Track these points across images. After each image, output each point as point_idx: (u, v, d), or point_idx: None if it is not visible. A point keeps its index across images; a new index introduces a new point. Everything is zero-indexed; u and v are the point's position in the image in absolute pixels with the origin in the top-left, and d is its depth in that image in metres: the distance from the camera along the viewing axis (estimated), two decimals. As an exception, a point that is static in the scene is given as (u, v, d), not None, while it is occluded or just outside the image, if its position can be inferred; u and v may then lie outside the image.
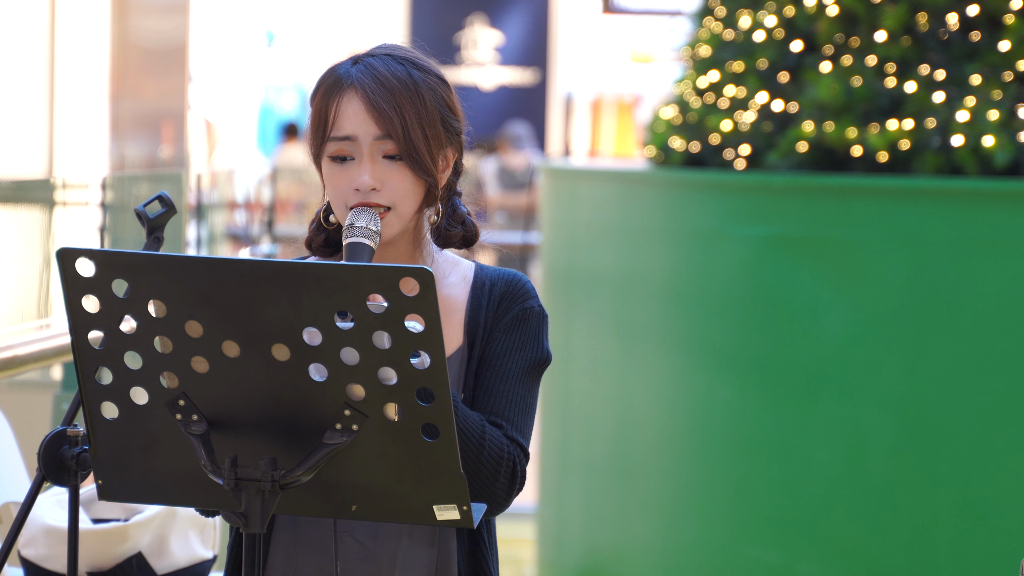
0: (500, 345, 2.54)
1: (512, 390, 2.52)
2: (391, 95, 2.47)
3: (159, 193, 2.50)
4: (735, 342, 5.45)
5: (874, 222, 5.24)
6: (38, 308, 4.85)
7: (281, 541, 2.53)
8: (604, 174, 6.53)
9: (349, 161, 2.48)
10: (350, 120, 2.47)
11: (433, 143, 2.49)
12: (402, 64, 2.50)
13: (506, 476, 2.45)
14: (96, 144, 10.19)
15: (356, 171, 2.47)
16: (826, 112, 5.46)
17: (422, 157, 2.47)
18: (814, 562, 5.29)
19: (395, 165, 2.48)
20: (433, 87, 2.50)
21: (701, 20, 6.14)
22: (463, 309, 2.57)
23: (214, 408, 2.20)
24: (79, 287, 2.17)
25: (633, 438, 5.81)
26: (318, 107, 2.51)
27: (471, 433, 2.42)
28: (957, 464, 5.17)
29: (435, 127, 2.49)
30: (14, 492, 3.66)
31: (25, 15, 9.66)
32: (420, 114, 2.48)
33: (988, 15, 5.39)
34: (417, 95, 2.48)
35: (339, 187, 2.49)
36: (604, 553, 5.96)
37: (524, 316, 2.55)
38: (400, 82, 2.48)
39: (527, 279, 2.61)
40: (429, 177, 2.49)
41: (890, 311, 5.20)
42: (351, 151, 2.48)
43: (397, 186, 2.48)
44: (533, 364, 2.54)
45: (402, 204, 2.49)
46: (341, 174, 2.49)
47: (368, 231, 2.44)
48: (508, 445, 2.46)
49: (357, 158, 2.48)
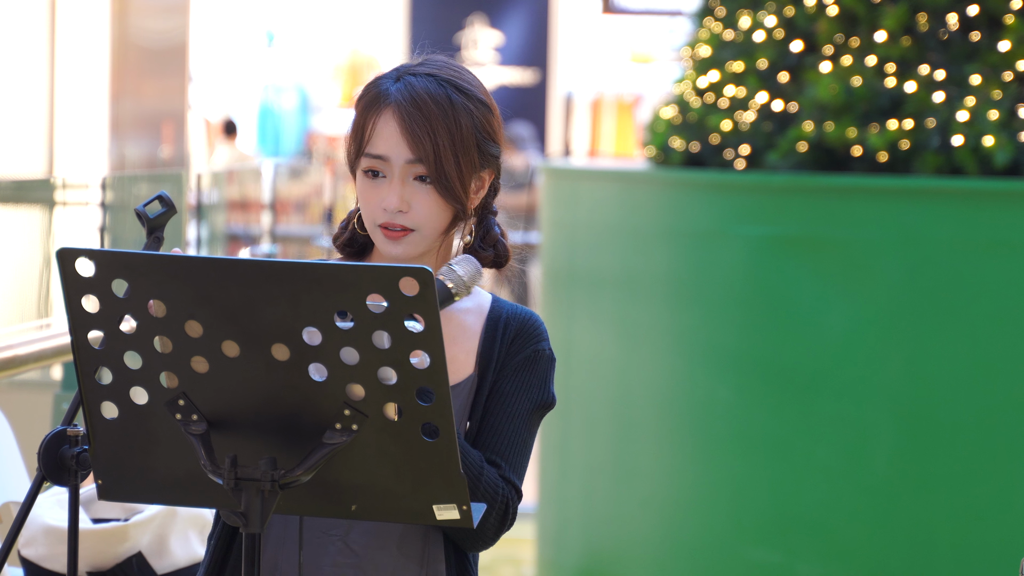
0: (509, 384, 2.56)
1: (515, 431, 2.54)
2: (426, 119, 2.48)
3: (159, 193, 2.50)
4: (735, 342, 5.45)
5: (874, 222, 5.24)
6: (38, 308, 4.85)
7: (270, 538, 2.53)
8: (604, 174, 6.53)
9: (381, 178, 2.50)
10: (385, 140, 2.49)
11: (466, 168, 2.50)
12: (443, 86, 2.50)
13: (497, 515, 2.48)
14: (96, 144, 10.19)
15: (386, 190, 2.49)
16: (826, 112, 5.46)
17: (452, 183, 2.49)
18: (814, 562, 5.29)
19: (425, 188, 2.49)
20: (472, 111, 2.51)
21: (701, 20, 6.14)
22: (476, 338, 2.58)
23: (214, 408, 2.20)
24: (79, 287, 2.17)
25: (633, 438, 5.81)
26: (357, 120, 2.53)
27: (468, 470, 2.44)
28: (957, 464, 5.17)
29: (469, 152, 2.51)
30: (14, 492, 3.66)
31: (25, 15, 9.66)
32: (454, 139, 2.49)
33: (988, 15, 5.39)
34: (454, 120, 2.49)
35: (369, 203, 2.51)
36: (604, 553, 5.96)
37: (535, 358, 2.57)
38: (438, 105, 2.49)
39: (541, 320, 2.63)
40: (458, 204, 2.50)
41: (890, 311, 5.20)
42: (383, 169, 2.50)
43: (424, 209, 2.50)
44: (537, 407, 2.56)
45: (426, 226, 2.51)
46: (372, 190, 2.51)
47: (459, 280, 2.45)
48: (503, 486, 2.48)
49: (388, 177, 2.50)
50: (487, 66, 16.82)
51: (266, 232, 9.80)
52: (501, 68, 16.93)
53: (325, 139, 16.85)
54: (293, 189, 12.26)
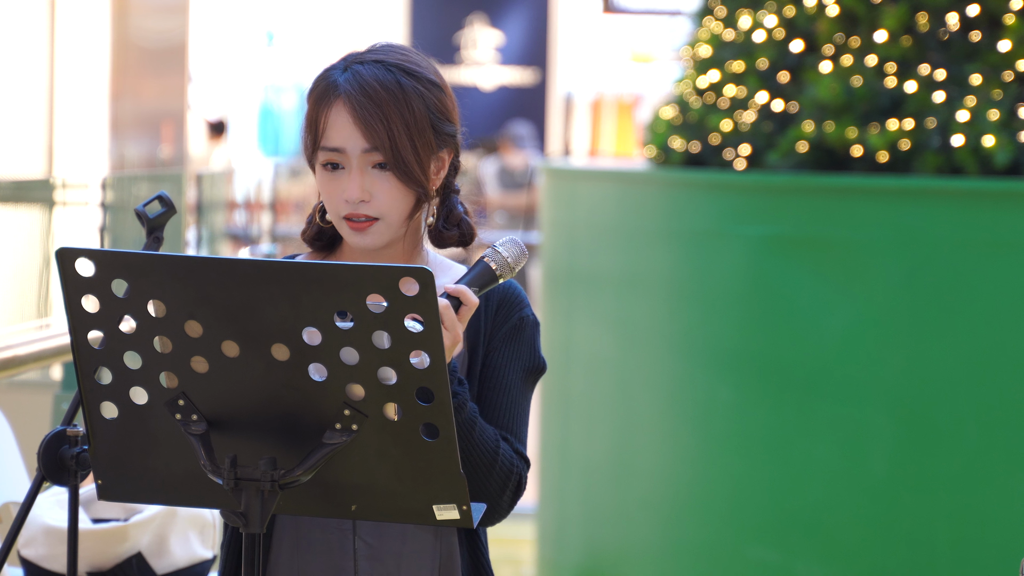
0: (500, 356, 2.56)
1: (513, 402, 2.54)
2: (377, 107, 2.47)
3: (159, 193, 2.50)
4: (735, 342, 5.45)
5: (874, 222, 5.24)
6: (38, 308, 4.85)
7: (284, 543, 2.53)
8: (604, 174, 6.53)
9: (340, 170, 2.50)
10: (339, 132, 2.48)
11: (423, 151, 2.49)
12: (391, 71, 2.49)
13: (512, 489, 2.48)
14: (96, 144, 10.19)
15: (346, 182, 2.48)
16: (826, 112, 5.46)
17: (410, 167, 2.48)
18: (814, 562, 5.29)
19: (384, 175, 2.48)
20: (423, 93, 2.49)
21: (701, 20, 6.14)
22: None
23: (214, 408, 2.20)
24: (79, 287, 2.17)
25: (633, 438, 5.81)
26: (310, 115, 2.52)
27: (486, 449, 2.44)
28: (957, 464, 5.17)
29: (425, 135, 2.49)
30: (14, 492, 3.66)
31: (25, 15, 9.66)
32: (408, 123, 2.48)
33: (988, 15, 5.39)
34: (406, 104, 2.48)
35: (331, 196, 2.51)
36: (604, 553, 5.96)
37: (521, 325, 2.57)
38: (387, 91, 2.48)
39: (520, 287, 2.63)
40: (418, 187, 2.49)
41: (890, 311, 5.20)
42: (341, 161, 2.49)
43: (386, 197, 2.49)
44: (529, 373, 2.57)
45: (391, 213, 2.50)
46: (332, 183, 2.50)
47: (504, 262, 2.43)
48: (516, 460, 2.49)
49: (347, 168, 2.49)
50: (487, 66, 16.82)
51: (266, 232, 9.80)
52: (501, 68, 16.92)
53: (325, 139, 16.80)
54: (293, 189, 12.26)
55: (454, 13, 16.79)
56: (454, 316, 2.34)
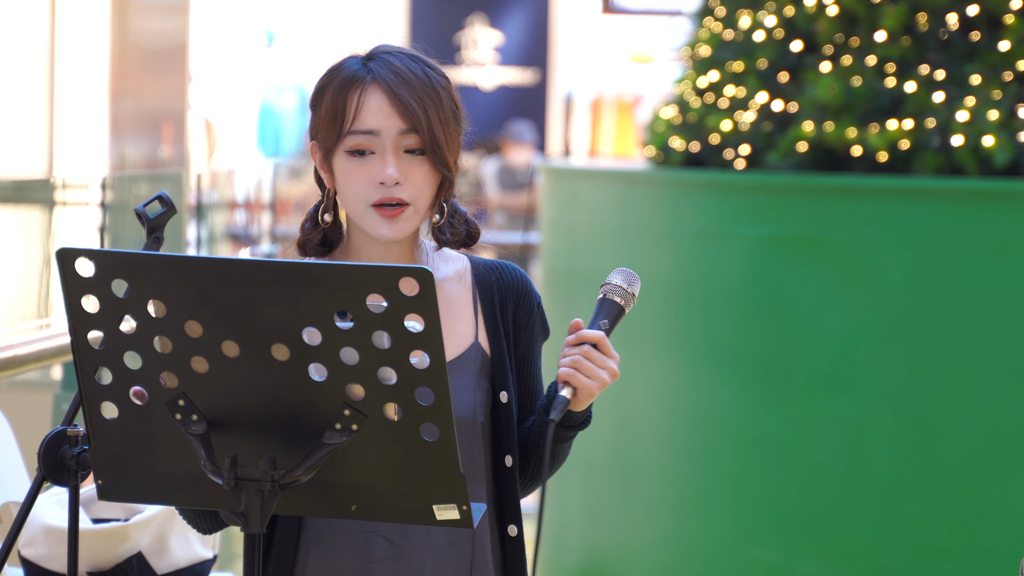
0: (529, 347, 2.63)
1: (541, 378, 2.66)
2: (413, 89, 2.48)
3: (159, 193, 2.50)
4: (735, 342, 5.45)
5: (874, 222, 5.24)
6: (38, 308, 4.85)
7: (311, 548, 2.52)
8: (604, 174, 6.53)
9: (369, 156, 2.49)
10: (374, 114, 2.48)
11: (450, 137, 2.50)
12: (416, 62, 2.51)
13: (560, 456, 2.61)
14: (96, 144, 10.19)
15: (379, 165, 2.48)
16: (826, 112, 5.46)
17: (443, 151, 2.49)
18: (814, 562, 5.29)
19: (415, 159, 2.49)
20: (444, 86, 2.52)
21: (701, 20, 6.14)
22: (470, 306, 2.60)
23: (214, 408, 2.20)
24: (79, 287, 2.17)
25: (633, 438, 5.81)
26: (333, 102, 2.50)
27: (568, 452, 2.59)
28: (957, 464, 5.17)
29: (450, 124, 2.51)
30: (14, 492, 3.66)
31: (25, 15, 9.66)
32: (439, 109, 2.49)
33: (988, 15, 5.39)
34: (434, 91, 2.50)
35: (358, 182, 2.50)
36: (604, 553, 5.96)
37: (541, 313, 2.66)
38: (418, 78, 2.49)
39: (521, 270, 2.68)
40: (448, 171, 2.51)
41: (890, 311, 5.20)
42: (372, 145, 2.48)
43: (418, 181, 2.49)
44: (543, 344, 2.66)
45: (419, 199, 2.51)
46: (360, 168, 2.49)
47: (625, 293, 2.52)
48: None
49: (377, 152, 2.48)
50: (487, 66, 16.82)
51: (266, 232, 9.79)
52: (501, 68, 16.92)
53: (325, 139, 16.80)
54: (293, 189, 12.25)
55: (454, 13, 16.79)
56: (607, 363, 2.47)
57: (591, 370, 2.48)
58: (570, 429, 2.55)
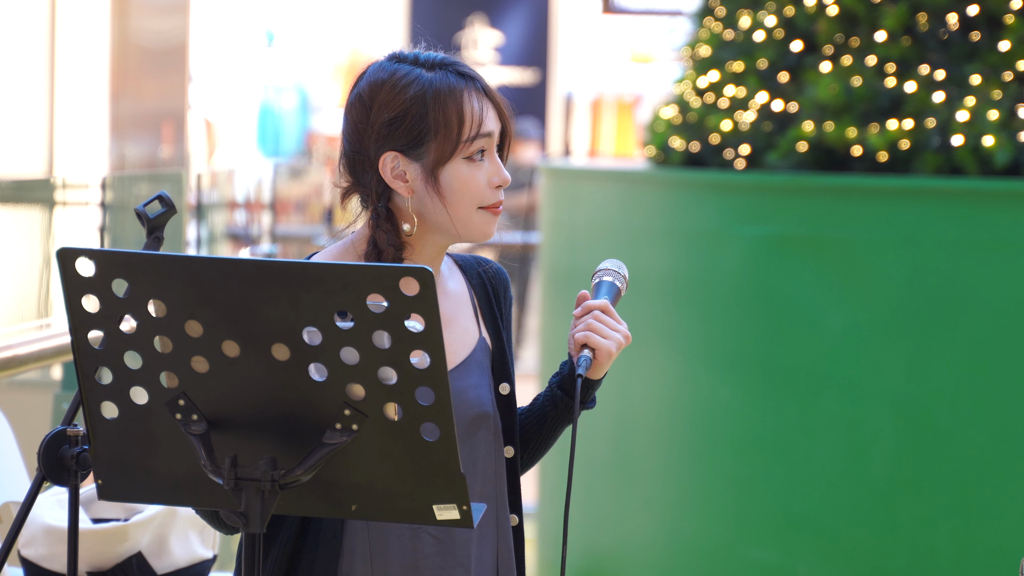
0: (509, 336, 2.66)
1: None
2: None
3: (159, 193, 2.50)
4: (735, 342, 5.46)
5: (874, 222, 5.24)
6: (38, 308, 4.85)
7: (356, 551, 2.52)
8: (604, 174, 6.53)
9: (478, 160, 2.51)
10: (490, 117, 2.53)
11: None
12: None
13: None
14: (96, 144, 10.19)
15: (493, 167, 2.53)
16: (826, 112, 5.46)
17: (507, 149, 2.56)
18: (814, 562, 5.29)
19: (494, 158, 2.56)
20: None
21: (701, 20, 6.14)
22: (469, 302, 2.63)
23: (214, 408, 2.20)
24: (79, 287, 2.17)
25: (633, 438, 5.81)
26: (446, 111, 2.50)
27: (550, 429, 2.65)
28: (957, 464, 5.17)
29: None
30: (14, 492, 3.66)
31: (25, 15, 9.66)
32: None
33: (988, 15, 5.39)
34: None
35: (477, 186, 2.52)
36: (604, 553, 5.96)
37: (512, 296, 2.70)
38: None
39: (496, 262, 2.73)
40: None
41: (890, 311, 5.20)
42: (486, 147, 2.53)
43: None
44: None
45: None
46: (477, 171, 2.52)
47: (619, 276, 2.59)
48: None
49: (487, 151, 2.53)
50: (487, 66, 16.81)
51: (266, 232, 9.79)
52: (501, 68, 16.92)
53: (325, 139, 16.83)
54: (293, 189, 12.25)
55: (454, 13, 16.79)
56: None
57: (605, 331, 2.54)
58: (584, 406, 2.59)
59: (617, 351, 2.53)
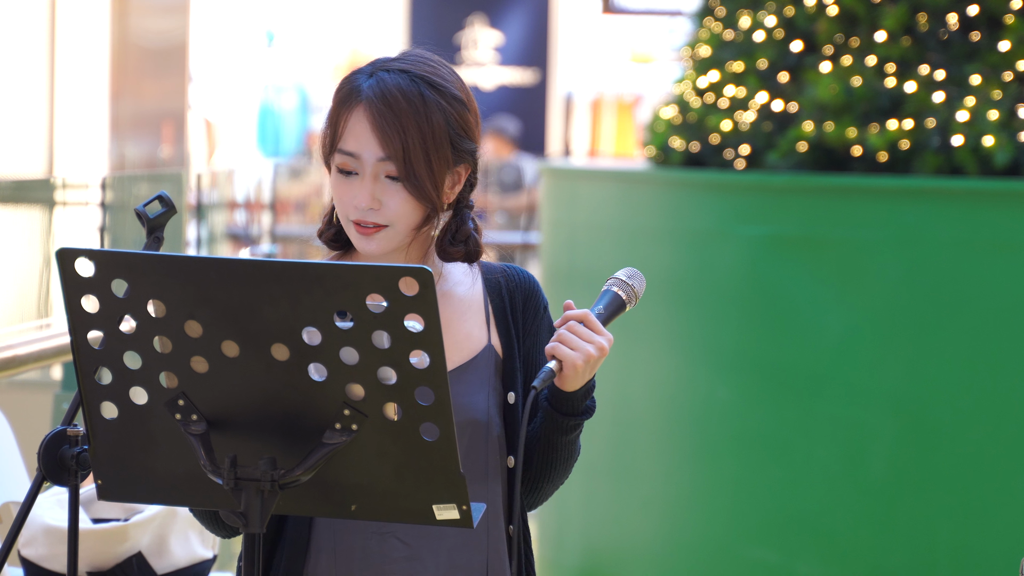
0: (533, 347, 2.62)
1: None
2: (396, 117, 2.46)
3: (159, 193, 2.50)
4: (735, 342, 5.46)
5: (874, 222, 5.24)
6: (38, 308, 4.85)
7: (322, 551, 2.52)
8: (604, 174, 6.53)
9: (353, 176, 2.50)
10: (356, 138, 2.48)
11: (438, 165, 2.48)
12: (415, 83, 2.48)
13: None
14: (96, 144, 10.19)
15: (358, 188, 2.49)
16: (826, 112, 5.47)
17: (422, 182, 2.47)
18: (814, 562, 5.29)
19: (396, 185, 2.48)
20: (444, 108, 2.48)
21: (701, 20, 6.14)
22: (482, 309, 2.60)
23: (214, 408, 2.20)
24: (79, 287, 2.17)
25: (633, 438, 5.81)
26: (331, 115, 2.52)
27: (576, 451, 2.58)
28: (957, 464, 5.17)
29: (442, 150, 2.48)
30: (14, 492, 3.66)
31: (25, 15, 9.66)
32: (425, 137, 2.46)
33: (988, 15, 5.39)
34: (426, 117, 2.47)
35: (342, 199, 2.52)
36: (604, 553, 5.96)
37: (548, 317, 2.66)
38: (409, 103, 2.46)
39: (530, 273, 2.69)
40: (428, 202, 2.49)
41: (890, 311, 5.20)
42: (355, 167, 2.49)
43: (395, 206, 2.49)
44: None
45: (399, 222, 2.50)
46: (344, 187, 2.51)
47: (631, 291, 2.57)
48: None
49: (360, 174, 2.49)
50: (487, 66, 16.82)
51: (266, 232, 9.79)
52: (501, 68, 16.92)
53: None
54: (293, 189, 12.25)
55: (454, 13, 16.79)
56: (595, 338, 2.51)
57: (573, 342, 2.49)
58: (572, 417, 2.54)
59: (585, 363, 2.48)
